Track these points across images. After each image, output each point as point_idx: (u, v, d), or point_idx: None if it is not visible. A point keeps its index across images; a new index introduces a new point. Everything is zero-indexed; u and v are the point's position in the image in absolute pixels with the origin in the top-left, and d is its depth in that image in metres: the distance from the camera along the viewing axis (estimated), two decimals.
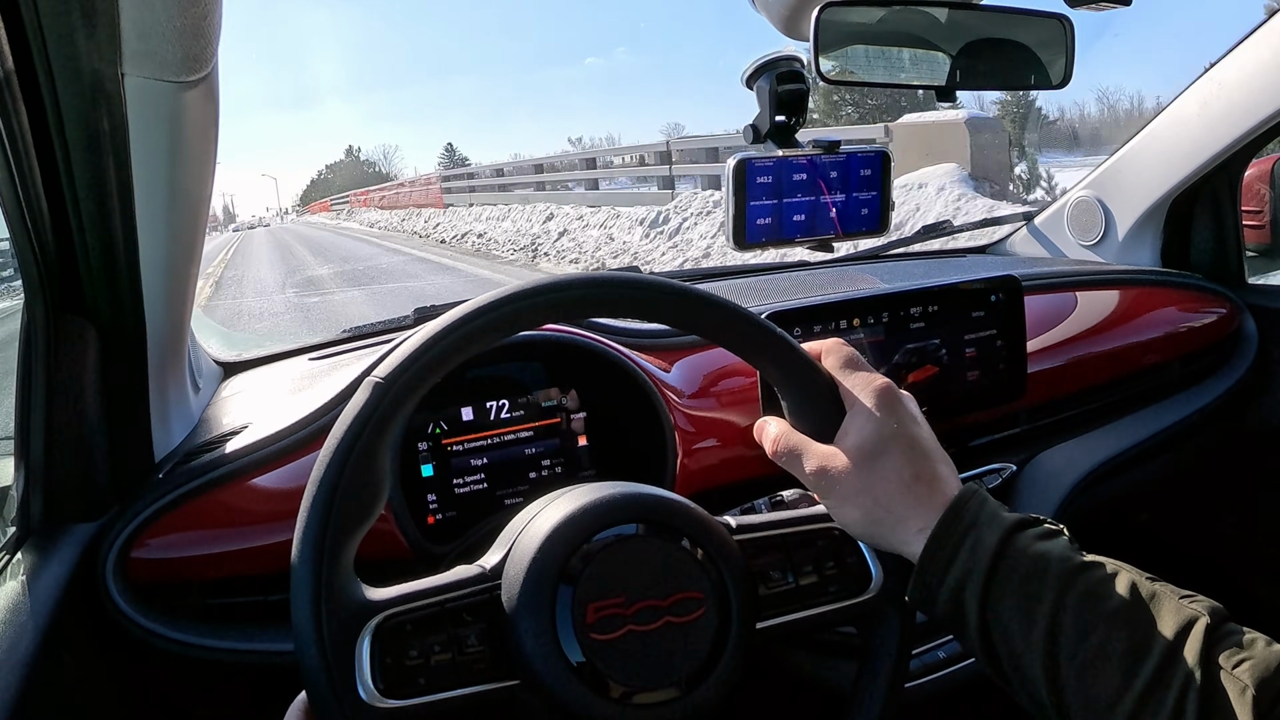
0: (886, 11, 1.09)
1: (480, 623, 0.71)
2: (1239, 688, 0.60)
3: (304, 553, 0.66)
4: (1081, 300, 1.57)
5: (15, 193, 0.80)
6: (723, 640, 0.73)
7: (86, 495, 0.99)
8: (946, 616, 0.73)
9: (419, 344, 0.69)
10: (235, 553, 1.04)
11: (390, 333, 1.50)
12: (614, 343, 1.22)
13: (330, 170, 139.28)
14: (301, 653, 0.66)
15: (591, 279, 0.73)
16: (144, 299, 0.94)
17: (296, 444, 1.08)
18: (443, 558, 1.10)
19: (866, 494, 0.74)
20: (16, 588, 0.88)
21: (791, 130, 1.08)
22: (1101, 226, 1.85)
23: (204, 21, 0.76)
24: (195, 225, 0.98)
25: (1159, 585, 0.67)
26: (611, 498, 0.75)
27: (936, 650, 1.22)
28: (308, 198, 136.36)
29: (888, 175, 1.11)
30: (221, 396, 1.35)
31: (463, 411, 1.16)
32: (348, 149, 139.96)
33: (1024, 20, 1.14)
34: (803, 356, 0.77)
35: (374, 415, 0.68)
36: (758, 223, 1.05)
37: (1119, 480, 1.47)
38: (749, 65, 1.07)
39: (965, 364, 1.32)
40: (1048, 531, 0.71)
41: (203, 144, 0.91)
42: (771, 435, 0.80)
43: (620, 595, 0.71)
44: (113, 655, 0.98)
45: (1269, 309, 1.67)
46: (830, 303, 1.24)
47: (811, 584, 0.80)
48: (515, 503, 1.16)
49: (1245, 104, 1.52)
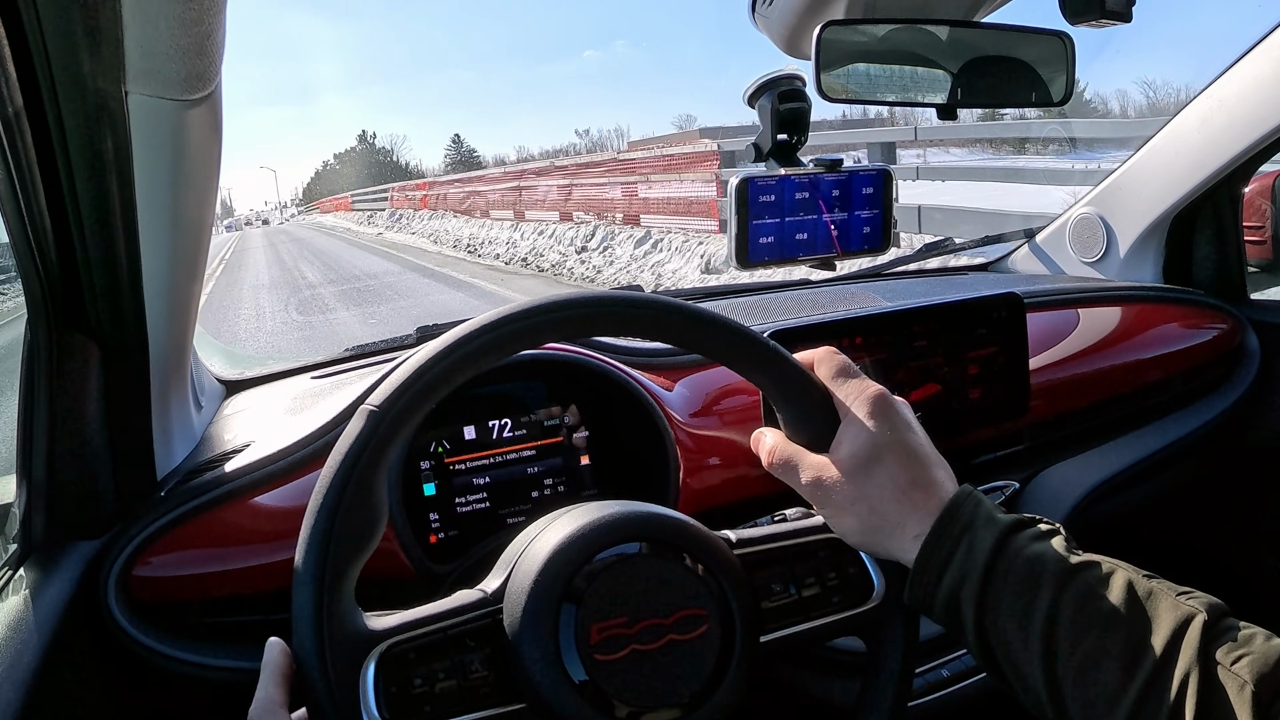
0: (888, 30, 1.10)
1: (484, 648, 0.71)
2: (1238, 684, 0.59)
3: (304, 584, 0.66)
4: (1084, 317, 1.57)
5: (19, 210, 0.80)
6: (727, 656, 0.73)
7: (89, 513, 0.99)
8: (943, 619, 0.73)
9: (414, 369, 0.69)
10: (237, 571, 1.04)
11: (392, 351, 1.50)
12: (616, 361, 1.22)
13: (340, 160, 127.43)
14: (307, 685, 0.65)
15: (588, 298, 0.73)
16: (147, 316, 0.94)
17: (298, 463, 1.08)
18: (445, 577, 1.10)
19: (862, 502, 0.74)
20: (18, 605, 0.87)
21: (793, 149, 1.08)
22: (1103, 243, 1.85)
23: (207, 40, 0.76)
24: (198, 242, 0.99)
25: (1156, 583, 0.67)
26: (612, 517, 0.75)
27: (940, 669, 1.22)
28: (313, 193, 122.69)
29: (889, 193, 1.12)
30: (224, 414, 1.35)
31: (465, 430, 1.16)
32: (360, 134, 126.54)
33: (1025, 37, 1.15)
34: (795, 367, 0.77)
35: (369, 445, 0.67)
36: (760, 241, 1.05)
37: (1122, 497, 1.46)
38: (751, 84, 1.08)
39: (968, 382, 1.31)
40: (1044, 532, 0.71)
41: (206, 162, 0.91)
42: (767, 446, 0.80)
43: (623, 615, 0.71)
44: (114, 673, 0.98)
45: (1271, 324, 1.67)
46: (832, 321, 1.24)
47: (814, 595, 0.80)
48: (517, 521, 1.16)
49: (1246, 119, 1.52)
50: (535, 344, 0.72)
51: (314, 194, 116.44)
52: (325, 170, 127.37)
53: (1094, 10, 1.04)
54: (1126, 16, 1.06)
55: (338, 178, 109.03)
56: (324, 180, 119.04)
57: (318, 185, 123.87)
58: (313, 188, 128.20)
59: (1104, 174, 1.87)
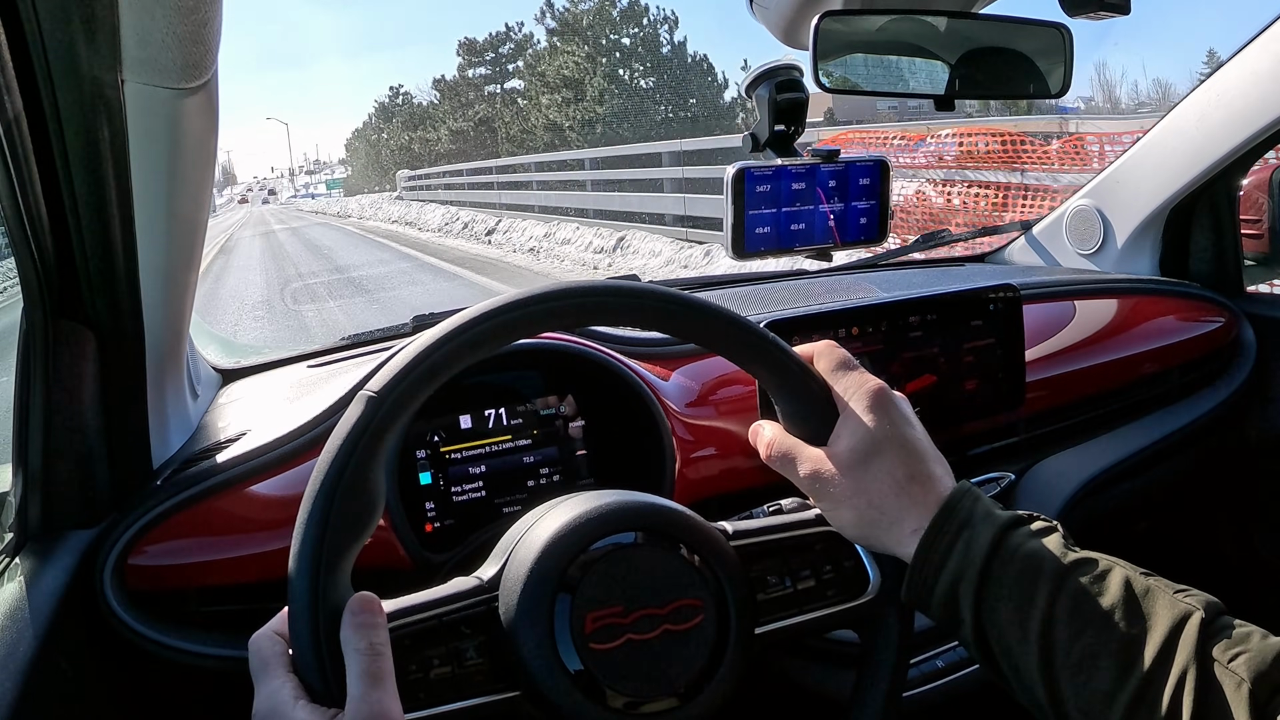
0: (886, 20, 1.10)
1: (479, 635, 0.71)
2: (1235, 681, 0.60)
3: (300, 569, 0.65)
4: (1080, 309, 1.57)
5: (15, 199, 0.80)
6: (722, 647, 0.73)
7: (84, 501, 0.99)
8: (941, 615, 0.73)
9: (412, 356, 0.69)
10: (233, 560, 1.04)
11: (389, 340, 1.50)
12: (613, 351, 1.21)
13: (391, 112, 64.81)
14: (301, 670, 0.65)
15: (586, 287, 0.73)
16: (143, 305, 0.94)
17: (294, 451, 1.08)
18: (440, 566, 1.10)
19: (860, 496, 0.74)
20: (14, 593, 0.87)
21: (790, 139, 1.08)
22: (1100, 235, 1.85)
23: (204, 29, 0.76)
24: (194, 232, 0.98)
25: (1153, 580, 0.68)
26: (608, 506, 0.75)
27: (935, 659, 1.22)
28: (358, 163, 79.25)
29: (886, 184, 1.12)
30: (220, 403, 1.35)
31: (461, 419, 1.16)
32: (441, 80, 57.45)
33: (1023, 29, 1.15)
34: (794, 360, 0.78)
35: (367, 430, 0.67)
36: (757, 231, 1.05)
37: (1118, 489, 1.46)
38: (749, 74, 1.08)
39: (964, 373, 1.32)
40: (1041, 529, 0.72)
41: (202, 151, 0.91)
42: (765, 439, 0.80)
43: (619, 604, 0.71)
44: (110, 662, 0.98)
45: (1267, 318, 1.67)
46: (829, 311, 1.24)
47: (809, 588, 0.80)
48: (513, 511, 1.16)
49: (1244, 113, 1.52)
50: (532, 333, 0.72)
51: (359, 168, 77.19)
52: (370, 131, 71.88)
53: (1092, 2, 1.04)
54: (1125, 8, 1.06)
55: (384, 150, 64.70)
56: (371, 150, 70.17)
57: (361, 158, 77.07)
58: (358, 157, 79.58)
59: None
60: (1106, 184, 1.84)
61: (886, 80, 1.14)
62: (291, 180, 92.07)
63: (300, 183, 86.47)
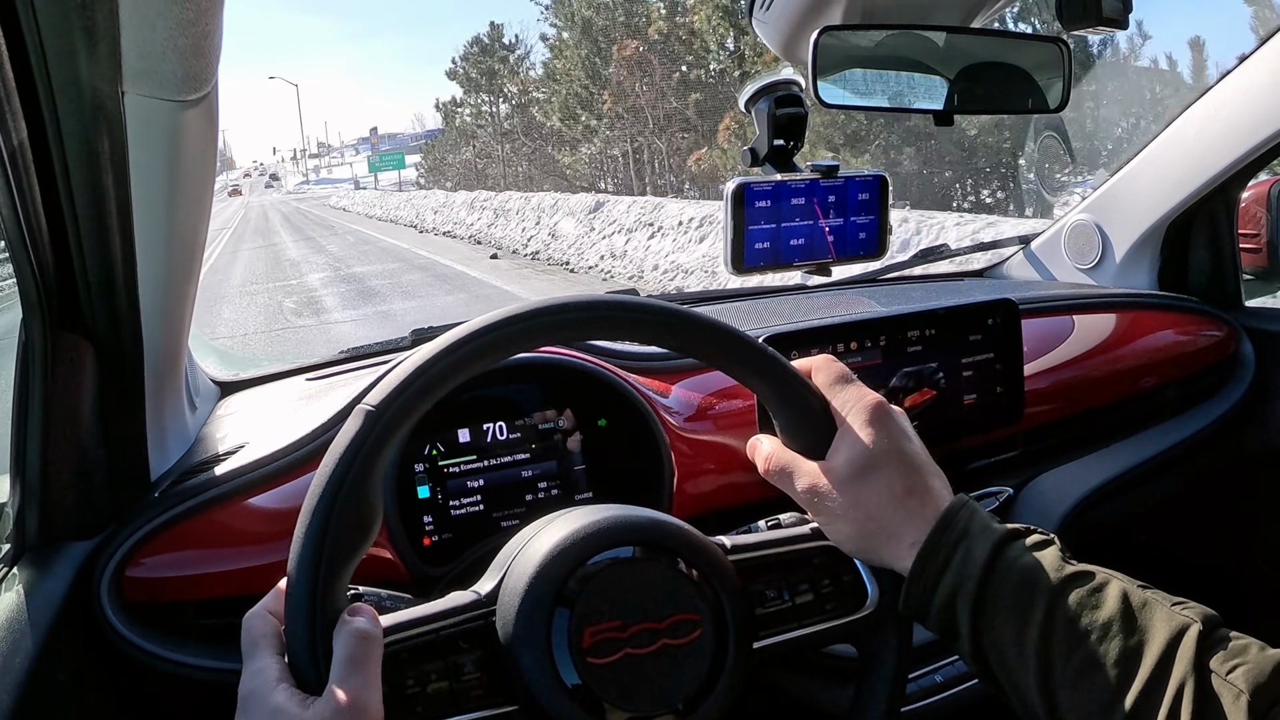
0: (885, 35, 1.10)
1: (476, 650, 0.71)
2: (1233, 694, 0.60)
3: (298, 583, 0.65)
4: (1079, 323, 1.57)
5: (14, 210, 0.80)
6: (720, 661, 0.73)
7: (82, 513, 0.98)
8: (939, 628, 0.73)
9: (411, 370, 0.69)
10: (231, 573, 1.03)
11: (387, 354, 1.50)
12: (612, 365, 1.21)
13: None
14: (300, 684, 0.65)
15: (585, 301, 0.73)
16: (142, 317, 0.94)
17: (293, 464, 1.08)
18: (438, 580, 1.10)
19: (858, 510, 0.74)
20: (12, 605, 0.87)
21: (790, 154, 1.08)
22: (1098, 250, 1.85)
23: (205, 41, 0.76)
24: (194, 244, 0.98)
25: (1150, 593, 0.68)
26: (606, 521, 0.75)
27: (934, 674, 1.22)
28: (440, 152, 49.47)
29: (885, 199, 1.12)
30: (218, 416, 1.35)
31: (459, 433, 1.16)
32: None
33: (1021, 44, 1.15)
34: (792, 374, 0.78)
35: (365, 444, 0.67)
36: (756, 246, 1.05)
37: (1116, 503, 1.46)
38: (748, 89, 1.08)
39: (962, 387, 1.31)
40: (1038, 542, 0.72)
41: (202, 163, 0.91)
42: (763, 453, 0.80)
43: (617, 618, 0.71)
44: (107, 674, 0.98)
45: (1266, 331, 1.67)
46: (827, 326, 1.24)
47: (808, 602, 0.80)
48: (511, 525, 1.16)
49: (1242, 127, 1.52)
50: (531, 347, 0.72)
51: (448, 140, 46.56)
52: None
53: (1090, 17, 1.04)
54: (1123, 24, 1.06)
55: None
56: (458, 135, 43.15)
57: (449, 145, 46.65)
58: (443, 145, 49.02)
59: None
60: (1104, 198, 1.84)
61: (885, 95, 1.14)
62: (299, 162, 72.38)
63: (311, 165, 68.37)
